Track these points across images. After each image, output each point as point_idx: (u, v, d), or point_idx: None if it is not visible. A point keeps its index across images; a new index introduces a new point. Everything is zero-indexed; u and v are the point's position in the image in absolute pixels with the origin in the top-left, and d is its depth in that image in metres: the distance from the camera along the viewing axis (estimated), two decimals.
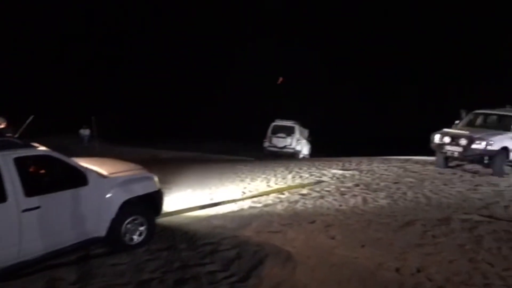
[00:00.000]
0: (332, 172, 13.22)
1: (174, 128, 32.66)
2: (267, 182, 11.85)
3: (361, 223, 8.05)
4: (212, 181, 12.10)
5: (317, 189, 10.84)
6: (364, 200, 9.68)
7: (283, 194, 10.39)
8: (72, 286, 5.82)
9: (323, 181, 11.89)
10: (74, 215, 6.16)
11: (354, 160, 16.08)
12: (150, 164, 10.13)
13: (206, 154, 24.35)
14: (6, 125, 6.04)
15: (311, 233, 7.45)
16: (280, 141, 22.88)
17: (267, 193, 10.49)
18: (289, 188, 11.06)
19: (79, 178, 6.27)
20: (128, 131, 29.71)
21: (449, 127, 14.17)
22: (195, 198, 10.09)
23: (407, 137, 25.43)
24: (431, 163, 14.57)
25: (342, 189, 10.82)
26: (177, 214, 8.75)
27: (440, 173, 13.00)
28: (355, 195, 10.13)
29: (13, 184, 5.45)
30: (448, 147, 13.25)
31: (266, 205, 9.36)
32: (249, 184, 11.69)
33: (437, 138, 13.54)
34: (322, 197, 9.99)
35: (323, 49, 42.72)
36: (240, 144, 28.52)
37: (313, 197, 9.97)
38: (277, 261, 6.35)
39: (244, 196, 10.32)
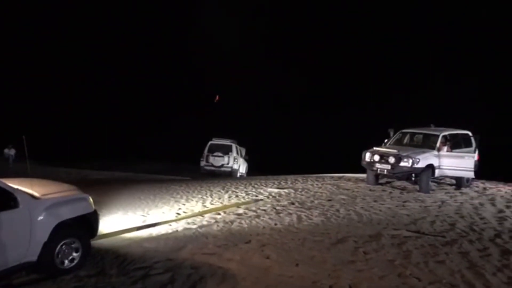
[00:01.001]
0: (268, 191, 13.31)
1: (106, 148, 31.68)
2: (203, 202, 11.71)
3: (296, 241, 8.11)
4: (145, 202, 11.78)
5: (253, 208, 10.84)
6: (299, 218, 9.79)
7: (219, 214, 10.28)
8: None
9: (259, 200, 11.91)
10: (3, 239, 5.74)
11: (290, 178, 16.32)
12: (80, 185, 9.68)
13: (140, 174, 23.78)
14: None
15: (247, 253, 7.39)
16: (217, 160, 22.80)
17: (202, 214, 10.33)
18: (224, 208, 10.98)
19: (9, 200, 5.88)
20: (57, 151, 28.40)
21: (379, 145, 14.74)
22: (127, 220, 9.74)
23: (340, 154, 26.20)
24: (363, 180, 15.05)
25: (278, 207, 10.89)
26: (107, 237, 8.40)
27: (371, 190, 13.45)
28: (290, 214, 10.22)
29: None
30: (378, 165, 13.76)
31: (201, 226, 9.21)
32: (184, 204, 11.48)
33: (367, 156, 14.04)
34: (258, 216, 10.00)
35: (261, 67, 43.44)
36: (175, 164, 28.12)
37: (249, 217, 9.95)
38: (212, 283, 6.22)
39: (179, 217, 10.11)
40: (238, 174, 23.32)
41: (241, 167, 24.22)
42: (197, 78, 42.40)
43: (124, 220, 9.70)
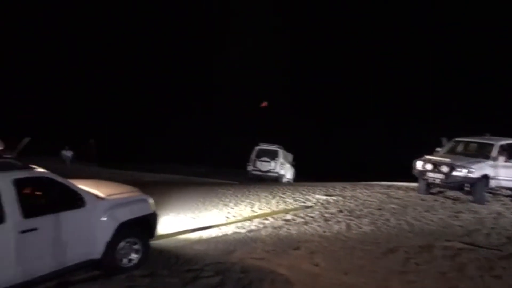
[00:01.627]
0: (316, 198, 13.25)
1: (156, 151, 32.44)
2: (251, 207, 11.81)
3: (345, 250, 8.06)
4: (195, 205, 12.00)
5: (301, 214, 10.84)
6: (348, 227, 9.70)
7: (267, 219, 10.35)
8: None
9: (307, 207, 11.89)
10: (71, 237, 6.11)
11: (338, 185, 16.17)
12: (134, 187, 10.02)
13: (189, 177, 24.21)
14: (3, 147, 5.97)
15: (295, 260, 7.42)
16: (264, 165, 22.91)
17: (251, 218, 10.43)
18: (273, 213, 11.04)
19: (77, 200, 6.25)
20: (110, 153, 29.38)
21: (431, 154, 14.38)
22: (178, 222, 9.98)
23: (389, 163, 25.72)
24: (413, 189, 14.71)
25: (326, 215, 10.83)
26: (161, 239, 8.64)
27: (422, 200, 13.13)
28: (339, 221, 10.15)
29: (12, 205, 5.42)
30: (430, 174, 13.42)
31: (250, 231, 9.31)
32: (232, 208, 11.63)
33: (419, 164, 13.71)
34: (306, 223, 9.99)
35: (308, 75, 43.35)
36: (221, 168, 28.45)
37: (297, 223, 9.96)
38: None
39: (228, 221, 10.26)
40: (285, 180, 23.33)
41: (288, 172, 24.22)
42: (242, 84, 42.70)
43: (175, 222, 9.94)
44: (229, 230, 9.45)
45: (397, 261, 7.44)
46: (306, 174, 24.64)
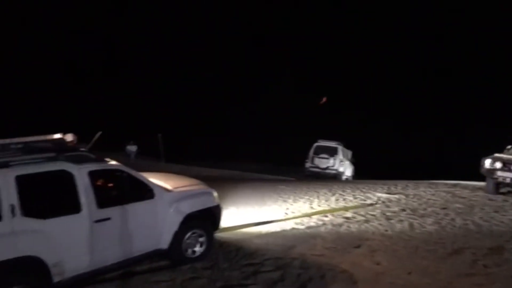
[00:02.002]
0: (377, 196, 12.96)
1: (214, 148, 32.90)
2: (310, 204, 11.74)
3: (408, 249, 7.84)
4: (254, 200, 12.10)
5: (362, 212, 10.65)
6: (411, 226, 9.43)
7: (327, 216, 10.25)
8: None
9: (367, 205, 11.66)
10: (141, 227, 6.40)
11: (400, 183, 15.70)
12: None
13: (246, 173, 24.40)
14: (76, 141, 6.34)
15: (356, 258, 7.31)
16: (323, 162, 22.63)
17: (310, 215, 10.38)
18: (332, 210, 10.92)
19: (146, 191, 6.53)
20: (173, 149, 30.11)
21: (501, 151, 13.67)
22: (238, 216, 10.10)
23: (454, 162, 24.72)
24: (481, 188, 14.06)
25: (388, 213, 10.57)
26: (220, 232, 8.78)
27: (490, 200, 12.51)
28: (401, 220, 9.88)
29: (87, 196, 5.75)
30: (499, 173, 12.77)
31: (309, 227, 9.27)
32: (291, 205, 11.62)
33: (487, 163, 13.08)
34: (367, 221, 9.81)
35: (365, 67, 42.41)
36: (278, 165, 28.39)
37: (358, 221, 9.79)
38: (322, 285, 6.26)
39: (287, 217, 10.27)
40: (344, 177, 22.97)
41: (347, 170, 23.82)
42: (301, 77, 42.39)
43: (235, 216, 10.06)
44: (288, 225, 9.46)
45: (463, 262, 7.15)
46: (366, 172, 24.12)
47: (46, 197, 5.62)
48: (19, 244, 5.18)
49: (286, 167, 27.01)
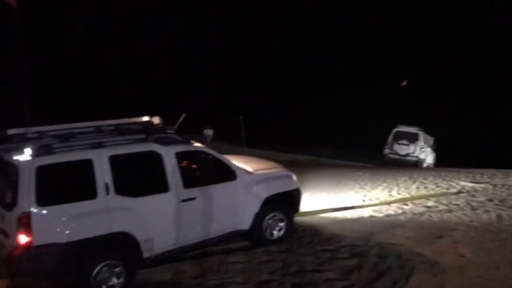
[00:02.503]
0: (461, 184, 12.24)
1: (289, 132, 32.74)
2: (389, 191, 11.36)
3: (495, 242, 7.32)
4: (329, 186, 11.94)
5: (444, 201, 10.10)
6: (499, 217, 8.79)
7: (407, 205, 9.85)
8: (193, 280, 6.13)
9: (451, 194, 11.06)
10: (224, 208, 6.60)
11: (486, 172, 14.73)
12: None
13: (321, 158, 24.10)
14: (162, 124, 6.66)
15: (438, 249, 6.95)
16: (402, 148, 21.77)
17: (389, 203, 10.04)
18: (413, 198, 10.47)
19: (229, 173, 6.70)
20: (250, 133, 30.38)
21: None
22: (313, 201, 9.99)
23: None
24: None
25: (473, 203, 9.94)
26: (296, 217, 8.73)
27: None
28: (488, 211, 9.25)
29: (174, 176, 6.02)
30: None
31: (388, 215, 8.98)
32: (369, 192, 11.32)
33: None
34: (450, 210, 9.29)
35: (450, 51, 40.03)
36: (354, 150, 27.72)
37: (440, 210, 9.31)
38: (400, 276, 6.03)
39: (364, 204, 10.01)
40: (425, 165, 21.99)
41: (428, 157, 22.74)
42: (381, 60, 40.86)
43: (311, 201, 9.96)
44: (366, 213, 9.23)
45: None
46: (448, 160, 22.90)
47: (136, 177, 5.94)
48: (113, 220, 5.49)
49: (363, 153, 26.37)
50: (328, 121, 34.28)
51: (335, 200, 10.31)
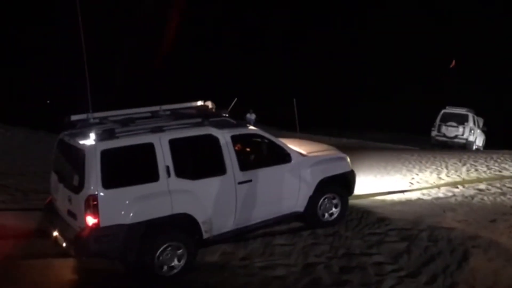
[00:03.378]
0: None
1: (332, 115, 32.31)
2: (438, 174, 11.04)
3: None
4: (376, 169, 11.72)
5: (497, 184, 9.72)
6: None
7: (457, 187, 9.55)
8: (240, 262, 6.21)
9: (504, 177, 10.63)
10: (279, 190, 6.66)
11: None
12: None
13: (368, 142, 23.68)
14: (214, 108, 6.77)
15: (492, 233, 6.68)
16: (451, 130, 21.05)
17: (438, 186, 9.76)
18: (463, 182, 10.14)
19: (284, 155, 6.72)
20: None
21: None
22: (361, 184, 9.80)
23: None
24: None
25: None
26: None
27: None
28: None
29: (231, 159, 6.11)
30: None
31: (437, 198, 8.73)
32: (417, 174, 11.04)
33: None
34: (503, 193, 8.94)
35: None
36: (400, 134, 27.05)
37: (493, 193, 8.97)
38: (452, 260, 5.87)
39: (412, 187, 9.78)
40: (474, 147, 21.19)
41: (478, 139, 21.90)
42: (427, 41, 39.48)
43: (358, 184, 9.79)
44: (414, 196, 9.01)
45: None
46: (499, 142, 21.96)
47: (195, 160, 6.06)
48: (174, 202, 5.62)
49: (410, 136, 25.71)
50: (374, 104, 33.68)
51: (382, 183, 10.13)
